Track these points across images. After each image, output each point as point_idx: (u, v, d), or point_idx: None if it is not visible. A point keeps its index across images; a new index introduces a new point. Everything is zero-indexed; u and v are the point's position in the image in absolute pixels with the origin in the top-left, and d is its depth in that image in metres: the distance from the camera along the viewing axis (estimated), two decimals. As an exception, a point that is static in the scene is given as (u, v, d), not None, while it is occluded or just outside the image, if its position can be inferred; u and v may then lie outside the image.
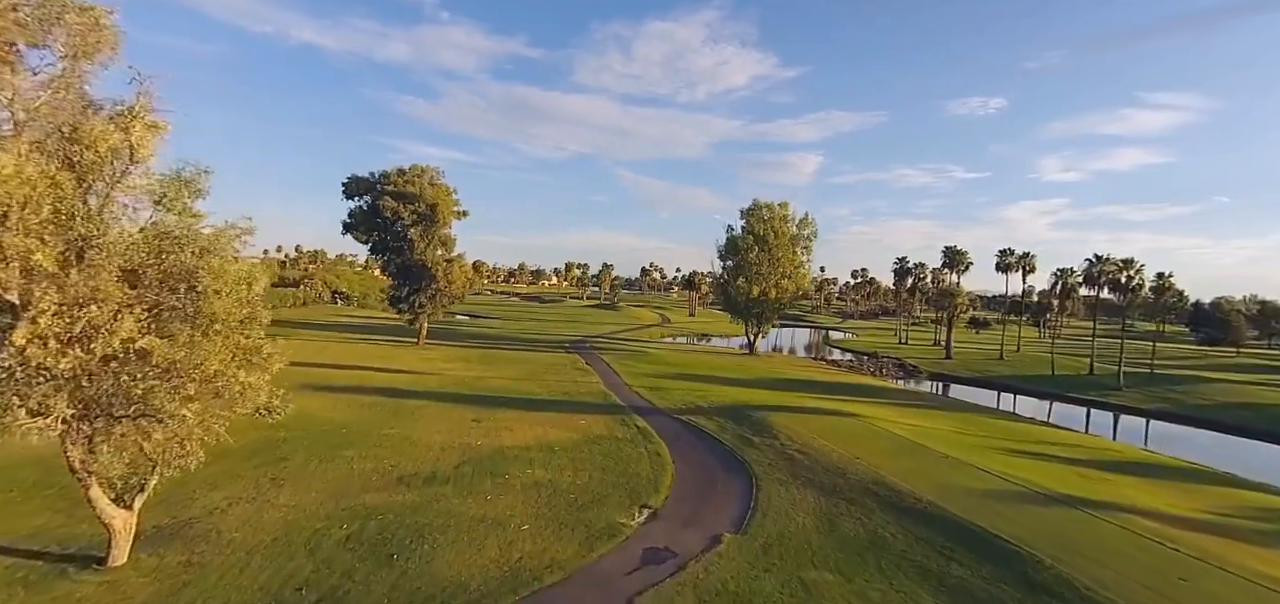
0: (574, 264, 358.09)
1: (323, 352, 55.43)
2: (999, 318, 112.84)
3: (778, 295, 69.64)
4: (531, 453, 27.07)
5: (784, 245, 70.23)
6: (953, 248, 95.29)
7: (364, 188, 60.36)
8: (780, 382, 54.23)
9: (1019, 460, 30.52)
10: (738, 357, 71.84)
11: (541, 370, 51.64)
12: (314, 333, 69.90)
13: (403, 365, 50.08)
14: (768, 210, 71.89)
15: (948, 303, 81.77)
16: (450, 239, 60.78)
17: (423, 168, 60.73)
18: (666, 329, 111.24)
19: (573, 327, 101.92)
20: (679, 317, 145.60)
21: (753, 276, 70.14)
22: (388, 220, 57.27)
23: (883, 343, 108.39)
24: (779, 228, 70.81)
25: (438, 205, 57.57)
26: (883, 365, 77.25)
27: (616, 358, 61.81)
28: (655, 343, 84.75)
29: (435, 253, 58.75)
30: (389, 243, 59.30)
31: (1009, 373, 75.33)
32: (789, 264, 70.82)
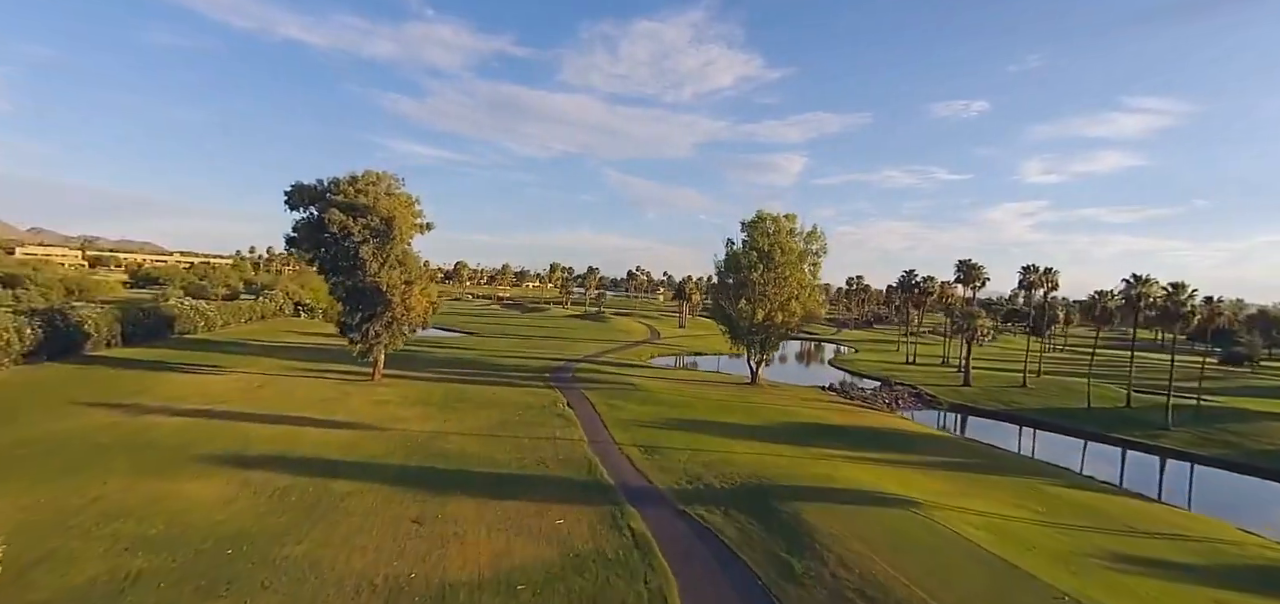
0: (559, 267, 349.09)
1: (257, 392, 46.82)
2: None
3: (785, 319, 62.02)
4: (485, 596, 19.03)
5: (792, 263, 62.61)
6: (968, 262, 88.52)
7: (309, 197, 51.69)
8: (795, 430, 46.54)
9: (1174, 590, 22.94)
10: (739, 388, 64.06)
11: (515, 418, 43.42)
12: (258, 360, 61.08)
13: (347, 414, 41.66)
14: (772, 223, 64.23)
15: (967, 326, 74.66)
16: (411, 257, 52.27)
17: (378, 175, 52.19)
18: (657, 346, 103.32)
19: (555, 345, 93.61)
20: (669, 328, 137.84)
21: (757, 298, 62.46)
22: (335, 236, 48.70)
23: (887, 361, 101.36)
24: (785, 243, 63.19)
25: (394, 219, 49.11)
26: (899, 396, 69.89)
27: (603, 394, 53.75)
28: (645, 367, 76.88)
29: (392, 274, 50.26)
30: (338, 262, 50.73)
31: (1038, 406, 68.31)
32: (797, 284, 63.22)
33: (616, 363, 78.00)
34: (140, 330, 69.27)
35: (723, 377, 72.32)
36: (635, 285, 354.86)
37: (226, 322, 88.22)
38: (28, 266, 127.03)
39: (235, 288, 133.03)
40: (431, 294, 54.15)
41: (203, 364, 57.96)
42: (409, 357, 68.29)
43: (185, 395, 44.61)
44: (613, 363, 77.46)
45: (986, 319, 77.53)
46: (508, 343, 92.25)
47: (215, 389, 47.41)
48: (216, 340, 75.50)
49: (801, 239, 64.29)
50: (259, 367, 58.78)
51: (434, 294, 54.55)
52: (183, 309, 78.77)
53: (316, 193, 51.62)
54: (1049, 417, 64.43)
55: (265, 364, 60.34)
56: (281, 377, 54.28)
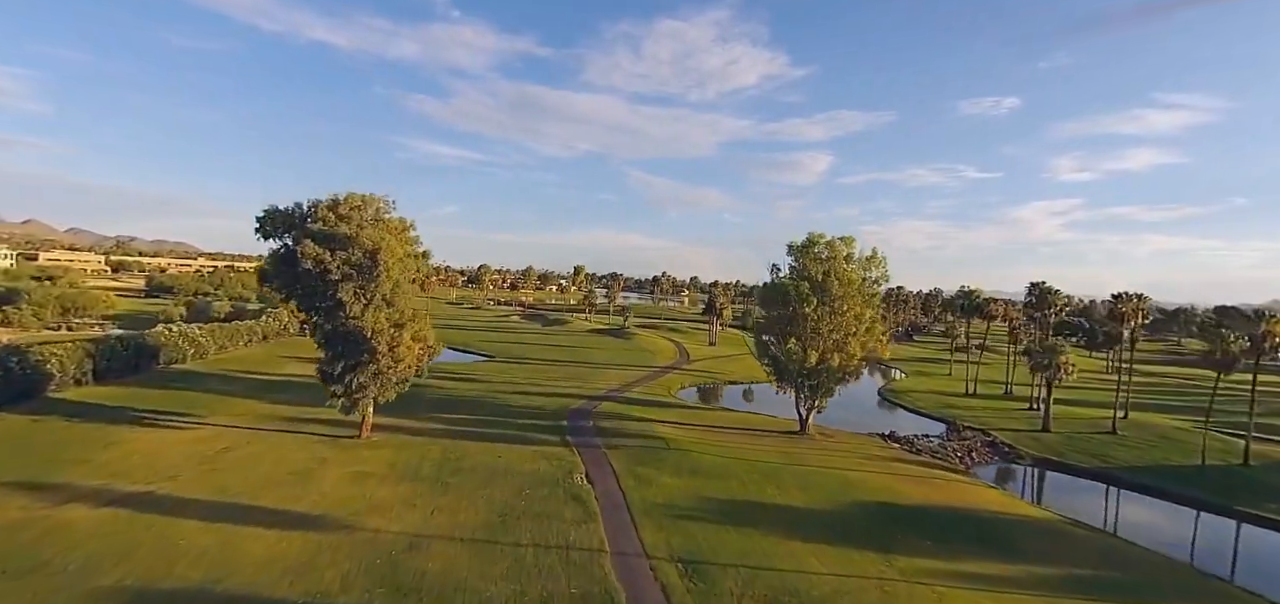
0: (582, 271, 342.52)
1: (216, 461, 39.18)
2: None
3: (842, 362, 52.60)
4: None
5: (850, 295, 53.15)
6: (1041, 284, 77.98)
7: (283, 224, 43.97)
8: (870, 516, 37.29)
9: None
10: (787, 440, 54.79)
11: (520, 505, 34.94)
12: (237, 405, 53.79)
13: (313, 503, 33.66)
14: (827, 248, 54.87)
15: (1048, 362, 64.27)
16: (402, 295, 44.15)
17: (363, 198, 44.20)
18: (687, 371, 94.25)
19: (575, 372, 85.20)
20: (698, 346, 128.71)
21: (808, 337, 53.21)
22: (310, 272, 40.80)
23: (943, 392, 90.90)
24: (843, 271, 53.75)
25: (380, 252, 41.00)
26: (972, 447, 59.95)
27: (629, 458, 45.03)
28: (676, 406, 67.95)
29: (377, 316, 42.20)
30: (315, 302, 42.90)
31: (1138, 461, 57.76)
32: (855, 320, 53.77)
33: (643, 399, 69.24)
34: (117, 364, 62.71)
35: (765, 421, 63.01)
36: (660, 289, 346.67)
37: (221, 346, 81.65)
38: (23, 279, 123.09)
39: (245, 300, 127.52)
40: (427, 338, 45.95)
41: (171, 411, 50.78)
42: (411, 394, 60.52)
43: (127, 469, 37.16)
44: (639, 400, 68.70)
45: (1072, 353, 66.91)
46: (524, 371, 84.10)
47: (168, 456, 39.90)
48: (203, 372, 68.71)
49: (860, 265, 54.77)
50: (234, 414, 51.39)
51: (431, 338, 46.33)
52: (170, 338, 72.19)
53: (291, 219, 43.85)
54: (1155, 477, 53.93)
55: (242, 410, 52.98)
56: (254, 431, 46.74)
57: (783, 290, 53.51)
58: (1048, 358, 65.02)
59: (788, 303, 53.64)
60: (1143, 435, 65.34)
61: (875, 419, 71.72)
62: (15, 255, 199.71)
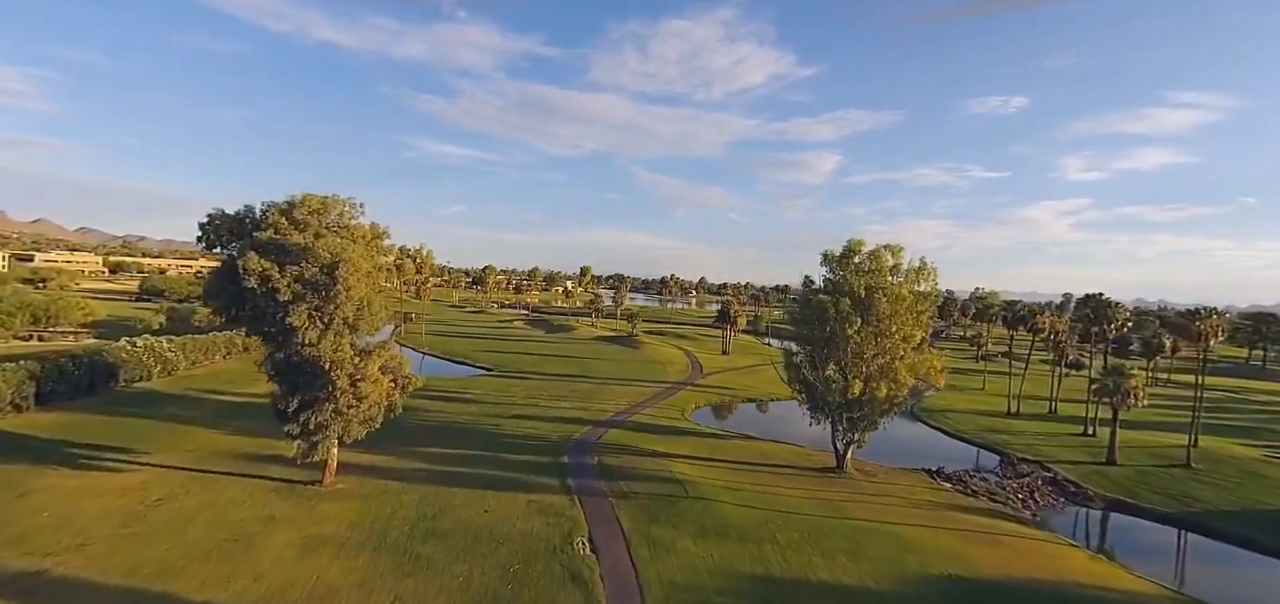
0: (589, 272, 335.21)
1: (141, 521, 32.14)
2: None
3: (890, 393, 44.96)
4: None
5: (900, 314, 45.51)
6: (1098, 297, 70.01)
7: (229, 231, 36.89)
8: (940, 592, 29.74)
9: None
10: (824, 482, 47.24)
11: (504, 589, 27.68)
12: (189, 436, 46.85)
13: (243, 587, 26.54)
14: (872, 259, 47.28)
15: (1115, 388, 56.35)
16: (369, 317, 36.88)
17: (324, 201, 36.97)
18: (702, 387, 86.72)
19: (580, 389, 77.89)
20: (710, 354, 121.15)
21: (850, 362, 45.67)
22: (255, 291, 33.64)
23: (984, 412, 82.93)
24: (890, 286, 46.11)
25: (340, 266, 33.75)
26: (1033, 487, 52.27)
27: (641, 513, 37.65)
28: (692, 433, 60.48)
29: (340, 344, 35.04)
30: (265, 326, 35.80)
31: (1223, 503, 49.86)
32: (905, 343, 46.16)
33: (655, 424, 61.80)
34: (65, 386, 55.96)
35: (794, 454, 55.37)
36: (668, 290, 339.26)
37: (194, 361, 74.95)
38: (8, 283, 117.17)
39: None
40: (402, 368, 38.69)
41: (110, 447, 43.90)
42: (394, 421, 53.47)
43: (28, 532, 30.38)
44: (650, 425, 61.27)
45: (1141, 375, 58.91)
46: (524, 388, 76.86)
47: (85, 512, 32.96)
48: (166, 394, 61.94)
49: (908, 277, 47.11)
50: (183, 450, 44.47)
51: (406, 368, 39.04)
52: (133, 354, 65.42)
53: (238, 226, 36.74)
54: (1254, 527, 46.00)
55: (195, 444, 46.07)
56: (199, 475, 39.73)
57: (819, 308, 45.86)
58: (1115, 383, 57.09)
59: (825, 321, 46.06)
60: (1222, 471, 57.30)
61: (913, 447, 63.98)
62: (6, 256, 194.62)
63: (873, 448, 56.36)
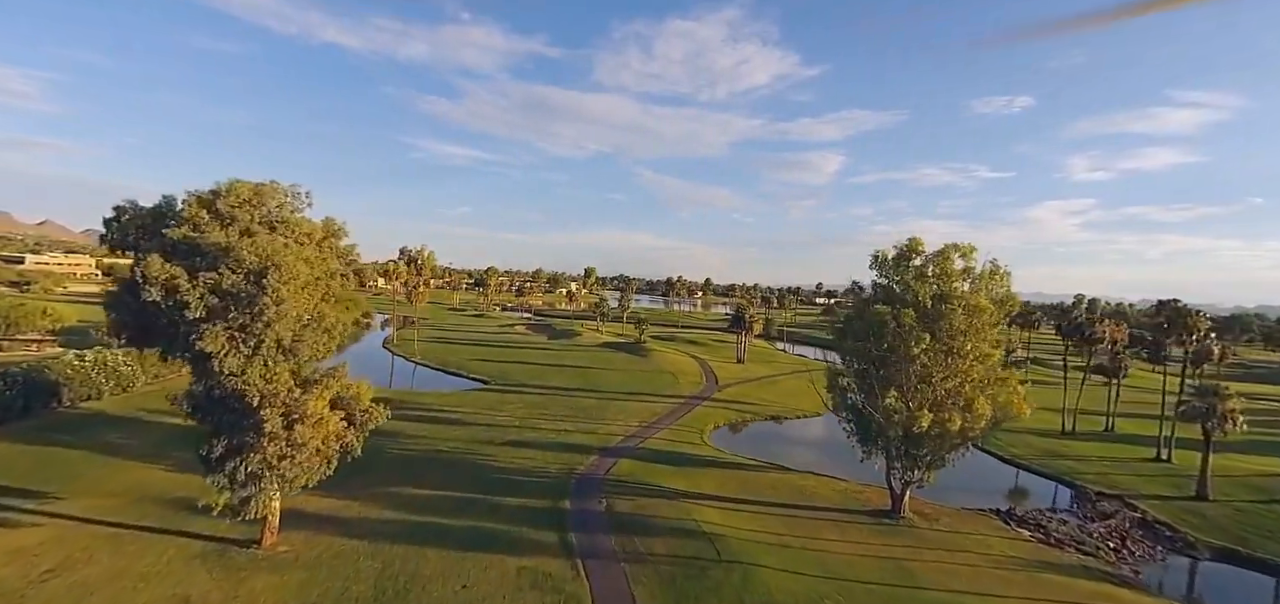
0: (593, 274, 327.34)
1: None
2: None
3: (965, 427, 36.60)
4: None
5: (976, 330, 37.17)
6: (1175, 304, 61.60)
7: (141, 230, 28.99)
8: None
9: None
10: (884, 536, 38.99)
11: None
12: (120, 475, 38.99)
13: None
14: (937, 262, 39.02)
15: (1208, 410, 47.96)
16: (317, 338, 28.84)
17: (259, 189, 29.03)
18: (718, 402, 78.47)
19: (585, 406, 69.81)
20: (722, 361, 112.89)
21: (913, 389, 37.44)
22: (159, 306, 25.72)
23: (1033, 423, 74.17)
24: (959, 294, 37.78)
25: (269, 272, 25.75)
26: (1123, 531, 43.93)
27: (661, 591, 29.51)
28: (714, 463, 52.29)
29: (273, 373, 27.09)
30: (176, 350, 27.91)
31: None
32: (980, 364, 37.84)
33: (671, 451, 53.66)
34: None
35: (838, 491, 47.05)
36: (675, 292, 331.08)
37: (156, 374, 67.14)
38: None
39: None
40: (360, 400, 30.64)
41: (17, 490, 36.24)
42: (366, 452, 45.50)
43: None
44: (666, 453, 53.12)
45: (1236, 399, 50.38)
46: (523, 405, 68.80)
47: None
48: (111, 416, 54.25)
49: (979, 282, 38.76)
50: (104, 493, 36.67)
51: (364, 400, 30.92)
52: (79, 370, 57.77)
53: (158, 221, 28.82)
54: None
55: (120, 485, 38.30)
56: (113, 531, 31.97)
57: (876, 322, 37.54)
58: (1209, 404, 48.67)
59: (882, 337, 37.79)
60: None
61: (968, 476, 55.33)
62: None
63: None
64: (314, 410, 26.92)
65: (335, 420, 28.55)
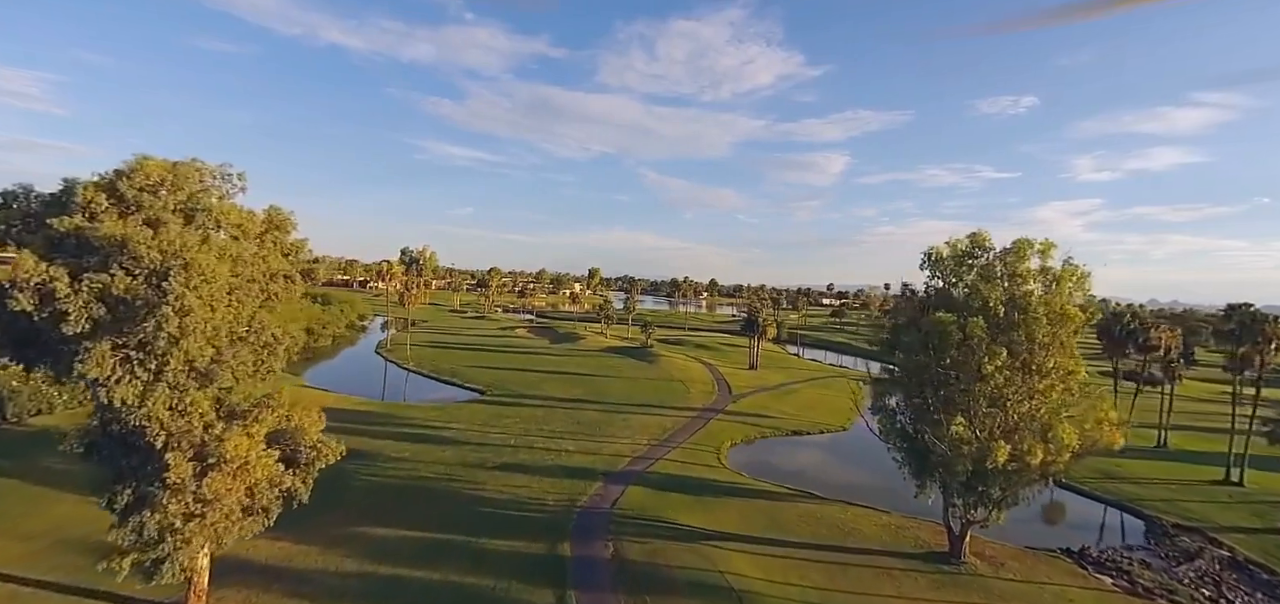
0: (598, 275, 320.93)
1: None
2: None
3: (1046, 459, 30.21)
4: None
5: (1063, 343, 30.82)
6: (1246, 309, 55.03)
7: (25, 220, 22.98)
8: None
9: None
10: (942, 585, 32.71)
11: None
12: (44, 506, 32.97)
13: None
14: (1009, 258, 32.69)
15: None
16: (246, 359, 22.69)
17: (173, 168, 22.91)
18: (733, 415, 72.14)
19: (588, 420, 63.64)
20: (733, 367, 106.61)
21: (982, 414, 31.15)
22: (31, 315, 19.69)
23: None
24: (1038, 298, 31.39)
25: (173, 273, 19.65)
26: (1215, 575, 37.50)
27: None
28: (739, 499, 46.02)
29: (199, 402, 21.01)
30: (61, 372, 21.92)
31: None
32: (1062, 382, 31.48)
33: (686, 476, 47.46)
34: (-89, 430, 42.42)
35: (882, 527, 40.65)
36: (681, 293, 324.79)
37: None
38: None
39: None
40: (306, 433, 24.50)
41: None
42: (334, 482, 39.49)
43: None
44: (680, 479, 46.91)
45: None
46: (520, 419, 62.63)
47: None
48: (65, 430, 48.19)
49: (1059, 286, 32.39)
50: (13, 537, 30.72)
51: (312, 433, 24.75)
52: (29, 382, 51.90)
53: (38, 212, 22.79)
54: None
55: (41, 523, 32.66)
56: (9, 593, 25.97)
57: (937, 333, 31.21)
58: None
59: (944, 351, 31.50)
60: None
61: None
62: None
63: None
64: (236, 452, 20.75)
65: (270, 463, 22.38)
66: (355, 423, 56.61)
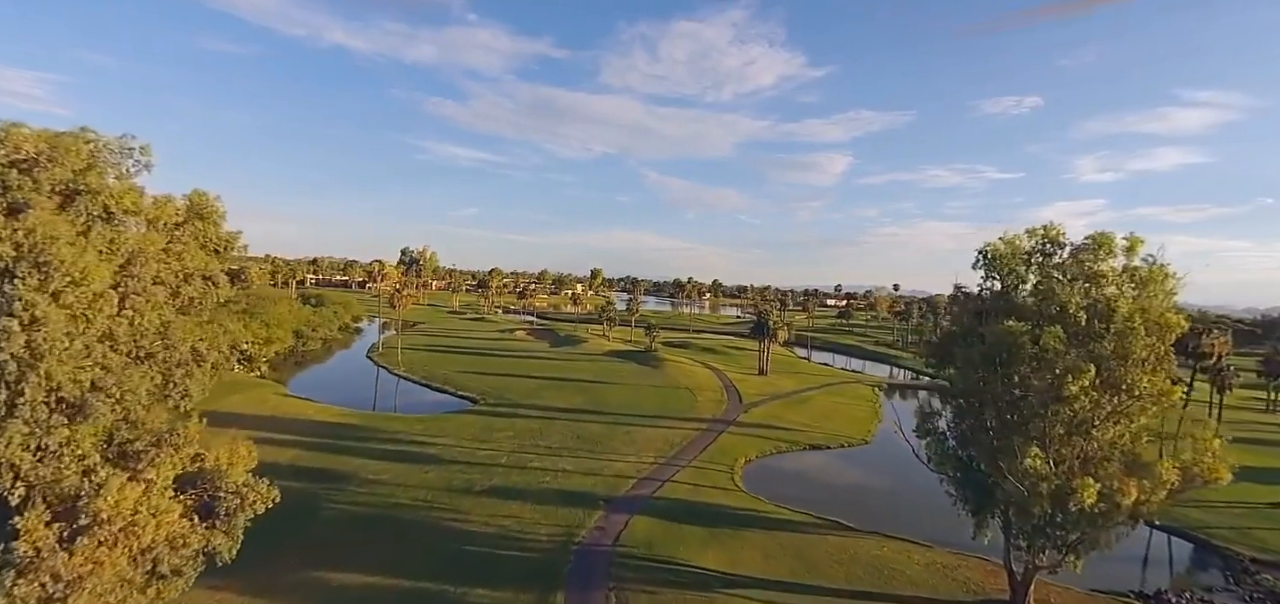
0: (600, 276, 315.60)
1: None
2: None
3: (1140, 499, 24.89)
4: None
5: (1156, 361, 25.52)
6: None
7: None
8: None
9: None
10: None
11: None
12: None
13: None
14: (1083, 256, 27.46)
15: None
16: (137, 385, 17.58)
17: (54, 139, 17.82)
18: (746, 427, 66.89)
19: (588, 433, 58.49)
20: (741, 371, 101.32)
21: (1059, 441, 25.94)
22: None
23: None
24: (1130, 304, 26.10)
25: (22, 273, 14.59)
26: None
27: None
28: (761, 529, 40.77)
29: (56, 446, 15.85)
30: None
31: None
32: (1156, 406, 26.19)
33: (699, 507, 42.30)
34: None
35: (929, 563, 35.37)
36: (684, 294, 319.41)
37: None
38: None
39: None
40: (232, 470, 19.37)
41: None
42: (297, 511, 34.58)
43: None
44: (693, 509, 41.75)
45: None
46: (514, 433, 57.49)
47: None
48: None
49: (1149, 290, 27.14)
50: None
51: (234, 472, 19.61)
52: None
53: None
54: None
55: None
56: None
57: (1006, 344, 25.95)
58: None
59: (1013, 365, 26.25)
60: None
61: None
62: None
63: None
64: (117, 509, 15.67)
65: (173, 517, 17.29)
66: (333, 437, 51.65)
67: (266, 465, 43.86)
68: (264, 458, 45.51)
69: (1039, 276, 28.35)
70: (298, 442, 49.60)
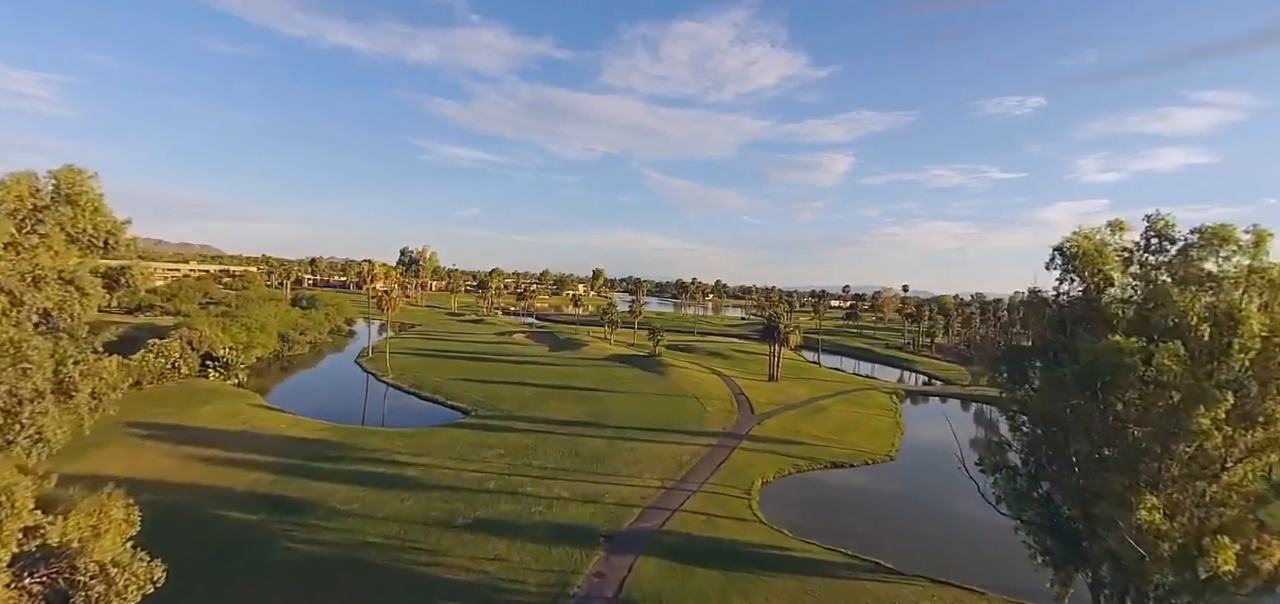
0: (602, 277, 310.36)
1: None
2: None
3: (1266, 561, 19.66)
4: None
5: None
6: None
7: None
8: None
9: None
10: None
11: None
12: None
13: None
14: (1193, 254, 22.16)
15: None
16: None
17: None
18: (760, 441, 61.53)
19: (590, 450, 53.21)
20: (750, 377, 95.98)
21: (1175, 485, 20.63)
22: None
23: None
24: (1246, 315, 20.86)
25: None
26: None
27: None
28: (789, 574, 35.46)
29: None
30: None
31: None
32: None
33: (714, 544, 37.01)
34: None
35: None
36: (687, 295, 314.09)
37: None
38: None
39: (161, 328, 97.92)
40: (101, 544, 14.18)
41: None
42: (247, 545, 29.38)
43: None
44: (707, 547, 36.48)
45: None
46: (505, 450, 52.22)
47: None
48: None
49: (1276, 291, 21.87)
50: None
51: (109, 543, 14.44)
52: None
53: None
54: None
55: None
56: None
57: (1109, 364, 20.67)
58: None
59: (1117, 391, 20.95)
60: None
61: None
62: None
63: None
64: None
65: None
66: (302, 458, 46.41)
67: (220, 492, 38.75)
68: (219, 482, 40.35)
69: (1142, 279, 23.00)
70: (262, 463, 44.37)
